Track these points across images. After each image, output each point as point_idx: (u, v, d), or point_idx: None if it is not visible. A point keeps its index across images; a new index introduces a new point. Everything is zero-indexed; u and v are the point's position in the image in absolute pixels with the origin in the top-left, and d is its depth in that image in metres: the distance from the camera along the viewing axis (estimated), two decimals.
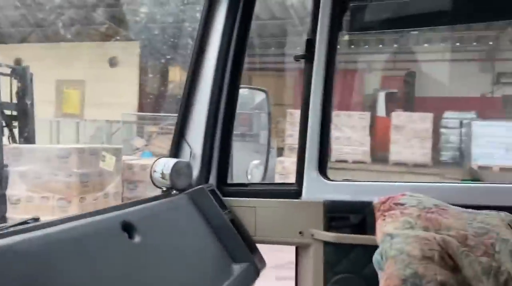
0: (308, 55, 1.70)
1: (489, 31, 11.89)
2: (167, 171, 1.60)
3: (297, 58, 1.73)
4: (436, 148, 11.14)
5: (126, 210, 1.26)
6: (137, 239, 1.17)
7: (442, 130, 11.60)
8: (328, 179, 1.70)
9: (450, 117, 11.62)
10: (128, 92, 12.28)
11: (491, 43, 12.55)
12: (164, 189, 1.63)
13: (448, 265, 1.05)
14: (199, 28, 1.78)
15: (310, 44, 1.70)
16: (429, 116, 10.61)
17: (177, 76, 11.97)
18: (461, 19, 2.69)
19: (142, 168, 6.47)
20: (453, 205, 1.35)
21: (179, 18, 10.18)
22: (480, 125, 10.30)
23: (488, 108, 12.51)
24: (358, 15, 1.86)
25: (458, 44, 12.78)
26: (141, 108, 12.30)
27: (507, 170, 9.43)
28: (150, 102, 12.06)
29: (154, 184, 1.65)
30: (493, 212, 1.26)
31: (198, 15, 1.89)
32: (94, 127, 12.01)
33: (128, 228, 1.16)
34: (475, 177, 9.37)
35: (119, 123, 11.44)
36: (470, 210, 1.29)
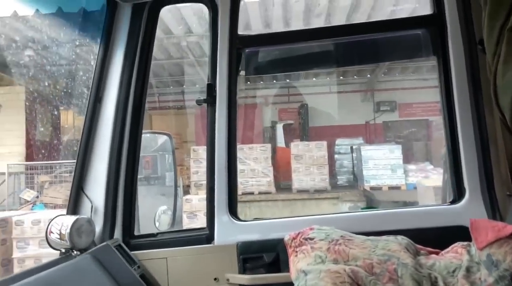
0: (210, 99, 1.73)
1: (366, 65, 13.31)
2: (66, 231, 1.47)
3: (199, 103, 1.75)
4: (332, 173, 11.91)
5: (20, 283, 1.11)
6: None
7: (336, 156, 12.52)
8: (239, 219, 1.70)
9: (341, 143, 12.64)
10: (13, 141, 11.13)
11: (369, 75, 14.06)
12: (63, 250, 1.49)
13: None
14: (95, 72, 1.71)
15: (211, 89, 1.73)
16: (324, 144, 11.34)
17: (70, 120, 11.19)
18: (337, 63, 3.15)
19: (34, 223, 5.84)
20: (357, 233, 1.44)
21: (70, 60, 9.58)
22: (367, 149, 11.30)
23: (372, 134, 13.91)
24: (252, 60, 1.96)
25: (341, 77, 14.09)
26: (30, 157, 11.18)
27: (394, 188, 10.48)
28: (40, 150, 11.04)
29: (52, 247, 1.49)
30: (391, 237, 1.37)
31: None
32: None
33: None
34: (369, 197, 10.17)
35: (4, 175, 10.24)
36: (372, 236, 1.38)
